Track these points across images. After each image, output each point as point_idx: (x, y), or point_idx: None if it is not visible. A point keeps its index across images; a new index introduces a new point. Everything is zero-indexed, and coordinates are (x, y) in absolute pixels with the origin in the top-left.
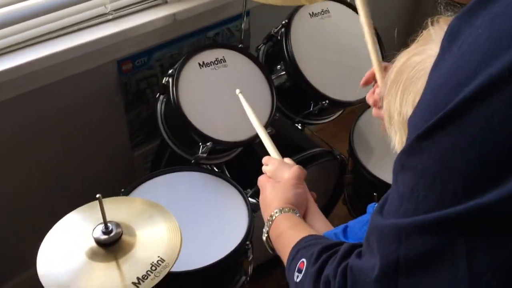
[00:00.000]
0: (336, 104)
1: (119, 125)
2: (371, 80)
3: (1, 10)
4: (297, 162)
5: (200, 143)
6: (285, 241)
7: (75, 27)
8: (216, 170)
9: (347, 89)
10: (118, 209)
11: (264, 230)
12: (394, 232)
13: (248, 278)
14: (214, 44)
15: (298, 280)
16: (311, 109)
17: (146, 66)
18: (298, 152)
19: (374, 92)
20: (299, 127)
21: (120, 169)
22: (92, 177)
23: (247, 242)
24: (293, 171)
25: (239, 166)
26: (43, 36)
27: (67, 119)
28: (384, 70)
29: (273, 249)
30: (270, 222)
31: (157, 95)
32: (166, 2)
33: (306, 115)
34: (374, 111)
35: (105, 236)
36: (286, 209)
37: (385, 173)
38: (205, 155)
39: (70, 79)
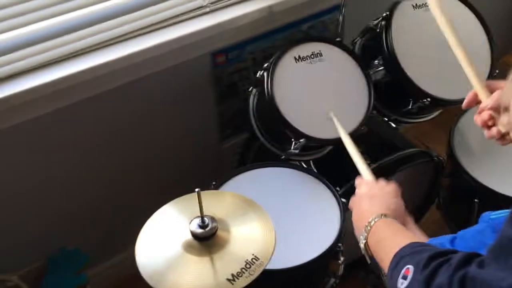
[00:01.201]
0: (438, 103)
1: (209, 117)
2: (474, 102)
3: (105, 4)
4: (393, 161)
5: (293, 139)
6: (386, 247)
7: (173, 21)
8: (305, 166)
9: (450, 86)
10: (212, 203)
11: (361, 237)
12: None
13: (337, 281)
14: (310, 38)
15: (403, 287)
16: (410, 107)
17: (239, 59)
18: (392, 151)
19: (480, 112)
20: (393, 125)
21: (208, 161)
22: (180, 169)
23: (339, 244)
24: (391, 185)
25: (327, 163)
26: (142, 29)
27: (159, 110)
28: (488, 87)
29: (371, 257)
30: (369, 228)
31: (250, 89)
32: None
33: (404, 114)
34: (486, 133)
35: (201, 230)
36: (389, 217)
37: (487, 178)
38: (297, 151)
39: (165, 72)
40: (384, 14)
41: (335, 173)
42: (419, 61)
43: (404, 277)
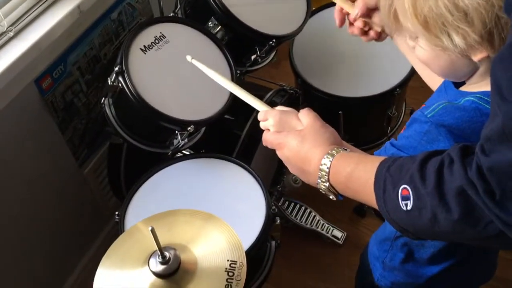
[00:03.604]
0: (281, 40)
1: (61, 149)
2: (344, 16)
3: None
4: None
5: (178, 131)
6: (360, 180)
7: None
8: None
9: (283, 22)
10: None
11: (318, 181)
12: None
13: (279, 241)
14: (144, 24)
15: (409, 208)
16: (259, 54)
17: (65, 75)
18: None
19: (352, 23)
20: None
21: (79, 194)
22: (60, 217)
23: (273, 208)
24: (307, 115)
25: (209, 141)
26: None
27: (4, 167)
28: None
29: (336, 195)
30: (327, 170)
31: (102, 100)
32: None
33: (253, 63)
34: (365, 38)
35: (165, 266)
36: (340, 150)
37: (340, 89)
38: (186, 140)
39: None
40: None
41: (222, 145)
42: (251, 8)
43: (406, 198)
